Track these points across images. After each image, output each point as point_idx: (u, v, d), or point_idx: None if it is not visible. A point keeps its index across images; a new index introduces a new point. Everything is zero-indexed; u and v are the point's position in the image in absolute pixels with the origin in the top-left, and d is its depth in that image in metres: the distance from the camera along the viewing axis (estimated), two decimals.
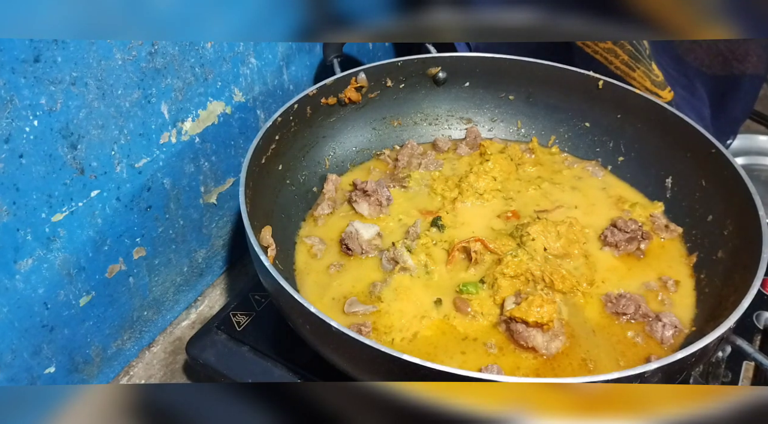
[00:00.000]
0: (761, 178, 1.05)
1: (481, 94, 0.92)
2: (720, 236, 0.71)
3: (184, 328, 0.84)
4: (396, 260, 0.73)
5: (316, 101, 0.82)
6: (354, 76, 0.85)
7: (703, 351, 0.55)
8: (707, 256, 0.72)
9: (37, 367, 0.67)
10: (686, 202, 0.78)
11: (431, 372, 0.51)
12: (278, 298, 0.62)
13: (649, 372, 0.52)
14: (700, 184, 0.76)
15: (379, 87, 0.88)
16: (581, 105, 0.88)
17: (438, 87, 0.91)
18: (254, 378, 0.69)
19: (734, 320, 0.56)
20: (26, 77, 0.56)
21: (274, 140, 0.77)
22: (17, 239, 0.60)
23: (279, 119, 0.76)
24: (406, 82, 0.90)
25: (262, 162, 0.74)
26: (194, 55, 0.73)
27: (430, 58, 0.89)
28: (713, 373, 0.70)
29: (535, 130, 0.92)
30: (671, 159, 0.80)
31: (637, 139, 0.84)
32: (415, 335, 0.67)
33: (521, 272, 0.69)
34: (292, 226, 0.79)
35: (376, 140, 0.91)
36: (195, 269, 0.86)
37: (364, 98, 0.87)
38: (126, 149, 0.68)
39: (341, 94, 0.85)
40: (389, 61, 0.88)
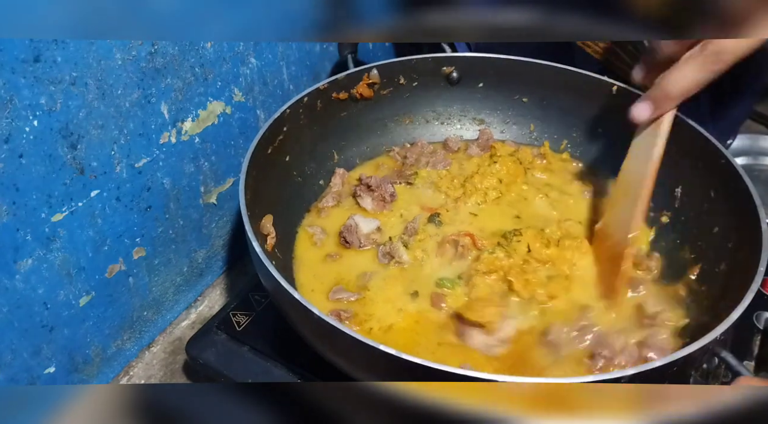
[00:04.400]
0: (761, 178, 1.05)
1: (494, 95, 0.92)
2: (724, 249, 0.70)
3: (184, 328, 0.84)
4: (392, 254, 0.73)
5: (327, 95, 0.82)
6: (366, 72, 0.85)
7: (686, 360, 0.54)
8: (710, 268, 0.71)
9: (37, 367, 0.67)
10: (694, 212, 0.77)
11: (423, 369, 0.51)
12: (276, 295, 0.62)
13: (626, 378, 0.52)
14: (709, 195, 0.75)
15: (392, 84, 0.88)
16: (594, 110, 0.87)
17: (452, 87, 0.91)
18: (254, 378, 0.69)
19: (720, 332, 0.56)
20: (26, 77, 0.56)
21: (282, 132, 0.77)
22: (17, 239, 0.60)
23: (288, 111, 0.76)
24: (419, 81, 0.90)
25: (268, 153, 0.74)
26: (194, 55, 0.73)
27: (444, 57, 0.89)
28: (713, 373, 0.70)
29: (548, 134, 0.92)
30: (682, 168, 0.78)
31: None
32: (390, 326, 0.68)
33: (494, 269, 0.69)
34: (295, 216, 0.80)
35: (386, 137, 0.92)
36: (195, 269, 0.86)
37: (376, 95, 0.87)
38: (126, 149, 0.68)
39: (353, 89, 0.85)
40: (403, 59, 0.88)
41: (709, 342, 0.55)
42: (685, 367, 0.57)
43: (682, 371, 0.57)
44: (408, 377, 0.53)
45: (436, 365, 0.51)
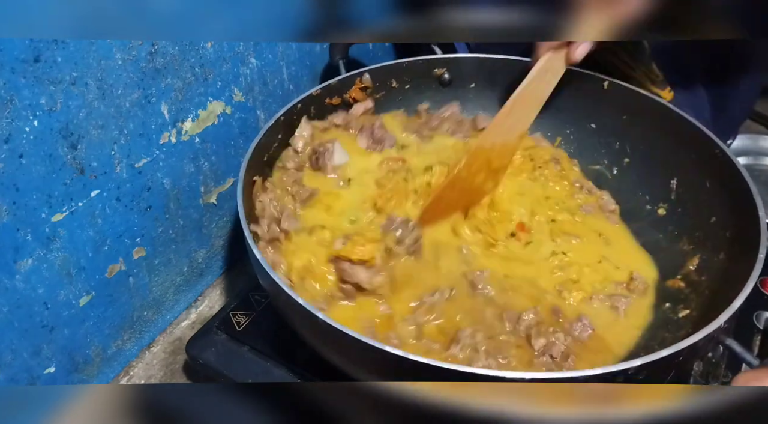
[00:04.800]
0: (762, 178, 1.05)
1: (487, 95, 0.92)
2: (722, 238, 0.71)
3: (184, 328, 0.84)
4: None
5: (321, 101, 0.82)
6: (359, 76, 0.85)
7: (691, 349, 0.54)
8: (709, 258, 0.72)
9: (37, 367, 0.67)
10: (690, 203, 0.77)
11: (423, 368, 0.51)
12: (276, 298, 0.62)
13: (633, 369, 0.52)
14: (705, 185, 0.75)
15: (385, 87, 0.88)
16: (587, 106, 0.87)
17: (444, 88, 0.91)
18: (254, 378, 0.69)
19: (724, 320, 0.56)
20: (26, 77, 0.56)
21: (277, 139, 0.77)
22: (17, 239, 0.60)
23: (282, 118, 0.76)
24: (411, 83, 0.90)
25: (264, 160, 0.74)
26: (194, 55, 0.73)
27: (435, 59, 0.89)
28: (713, 373, 0.70)
29: (541, 131, 0.92)
30: (676, 160, 0.79)
31: (643, 141, 0.84)
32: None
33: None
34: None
35: None
36: (195, 269, 0.86)
37: (369, 99, 0.87)
38: (126, 149, 0.68)
39: (346, 94, 0.85)
40: (394, 62, 0.88)
41: (714, 330, 0.55)
42: (691, 357, 0.57)
43: (687, 360, 0.57)
44: (408, 376, 0.53)
45: (437, 363, 0.51)
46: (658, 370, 0.54)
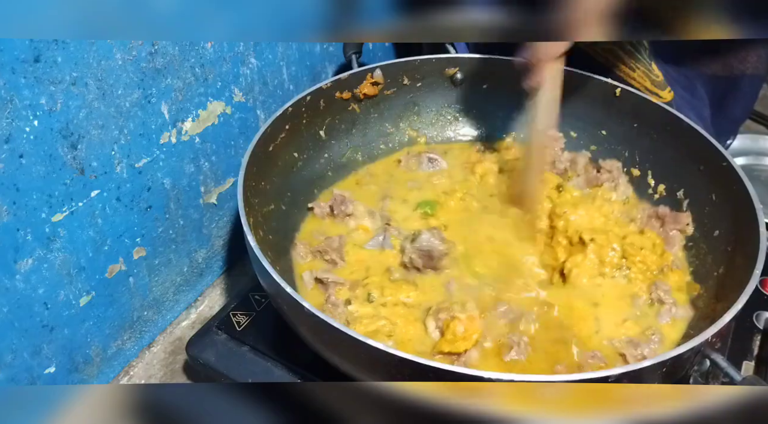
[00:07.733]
0: (761, 178, 1.05)
1: (498, 96, 0.91)
2: (723, 253, 0.71)
3: (184, 328, 0.84)
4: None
5: (330, 94, 0.83)
6: (370, 72, 0.85)
7: (674, 361, 0.54)
8: (708, 271, 0.72)
9: (37, 367, 0.67)
10: (696, 215, 0.77)
11: (423, 369, 0.51)
12: (276, 298, 0.62)
13: (614, 377, 0.52)
14: (711, 198, 0.75)
15: (396, 85, 0.89)
16: (598, 112, 0.87)
17: (455, 87, 0.91)
18: (254, 378, 0.69)
19: (710, 335, 0.56)
20: (26, 77, 0.56)
21: (284, 129, 0.78)
22: (17, 239, 0.60)
23: (290, 109, 0.77)
24: (423, 81, 0.90)
25: (269, 150, 0.75)
26: (194, 55, 0.73)
27: (448, 58, 0.89)
28: (713, 373, 0.70)
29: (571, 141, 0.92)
30: (684, 171, 0.79)
31: (652, 150, 0.83)
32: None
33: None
34: (295, 217, 0.80)
35: (389, 137, 0.92)
36: (195, 269, 0.86)
37: (379, 95, 0.88)
38: (126, 149, 0.68)
39: (356, 89, 0.85)
40: (407, 59, 0.88)
41: (700, 344, 0.55)
42: (676, 368, 0.57)
43: (672, 371, 0.57)
44: (408, 376, 0.53)
45: (436, 364, 0.51)
46: (640, 380, 0.54)
